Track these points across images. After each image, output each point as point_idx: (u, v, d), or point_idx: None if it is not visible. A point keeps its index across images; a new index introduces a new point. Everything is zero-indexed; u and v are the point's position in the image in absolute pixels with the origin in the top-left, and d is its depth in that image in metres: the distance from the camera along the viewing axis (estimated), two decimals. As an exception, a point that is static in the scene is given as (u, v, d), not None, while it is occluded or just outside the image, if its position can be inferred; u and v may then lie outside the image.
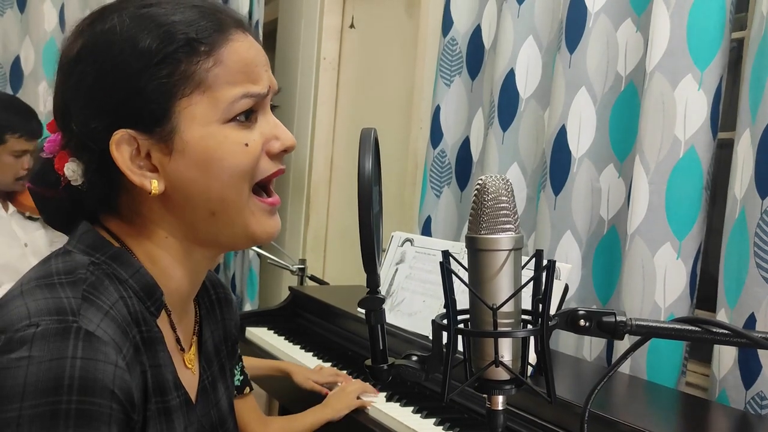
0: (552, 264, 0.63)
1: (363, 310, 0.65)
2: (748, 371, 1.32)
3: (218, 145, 0.72)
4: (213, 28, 0.73)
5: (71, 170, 0.74)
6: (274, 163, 0.76)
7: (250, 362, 1.69)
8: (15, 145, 2.14)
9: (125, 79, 0.70)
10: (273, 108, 0.79)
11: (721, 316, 1.39)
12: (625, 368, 1.54)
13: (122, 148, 0.71)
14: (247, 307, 3.04)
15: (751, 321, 1.31)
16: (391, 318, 1.75)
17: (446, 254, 0.65)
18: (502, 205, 0.63)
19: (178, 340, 0.80)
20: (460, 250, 1.59)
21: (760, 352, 1.30)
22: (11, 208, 2.25)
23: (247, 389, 1.45)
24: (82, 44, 0.73)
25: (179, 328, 0.80)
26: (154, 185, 0.72)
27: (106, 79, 0.71)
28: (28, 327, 0.63)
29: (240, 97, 0.72)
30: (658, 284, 1.49)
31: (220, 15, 0.74)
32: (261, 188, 0.77)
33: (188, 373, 0.81)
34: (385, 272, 1.87)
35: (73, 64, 0.73)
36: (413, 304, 1.76)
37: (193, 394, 0.81)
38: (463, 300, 0.64)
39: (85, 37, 0.73)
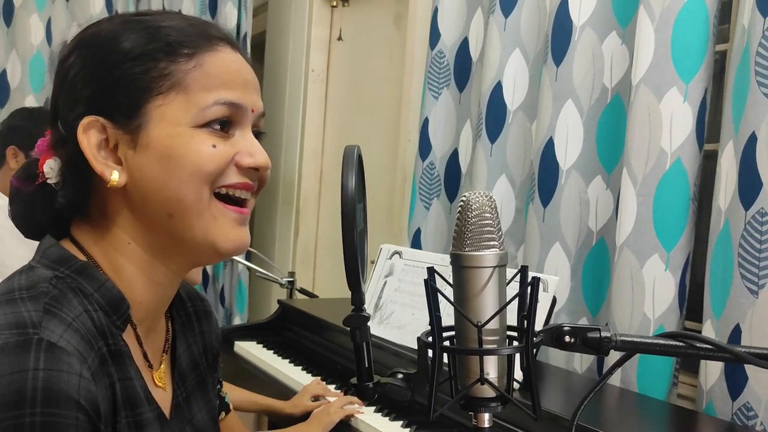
0: (536, 280, 0.63)
1: (348, 328, 0.65)
2: (735, 383, 1.33)
3: (182, 143, 0.71)
4: (199, 36, 0.74)
5: (49, 167, 0.75)
6: (241, 176, 0.74)
7: (242, 395, 1.69)
8: None
9: (104, 71, 0.73)
10: (260, 135, 0.78)
11: (708, 327, 1.40)
12: (615, 381, 1.54)
13: (90, 133, 0.72)
14: (237, 321, 3.03)
15: (736, 332, 1.32)
16: (379, 331, 1.74)
17: (431, 271, 0.65)
18: (485, 221, 0.63)
19: (145, 356, 0.78)
20: (448, 262, 1.59)
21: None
22: None
23: (222, 414, 1.44)
24: (72, 44, 0.76)
25: (146, 344, 0.79)
26: (114, 176, 0.72)
27: (86, 71, 0.73)
28: None
29: (212, 103, 0.72)
30: (647, 296, 1.50)
31: (209, 29, 0.76)
32: (233, 202, 0.75)
33: (159, 390, 0.80)
34: (373, 285, 1.86)
35: (62, 62, 0.76)
36: (402, 318, 1.75)
37: (167, 411, 0.80)
38: (451, 314, 0.64)
39: (77, 38, 0.77)
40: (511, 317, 0.65)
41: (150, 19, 0.75)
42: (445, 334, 0.65)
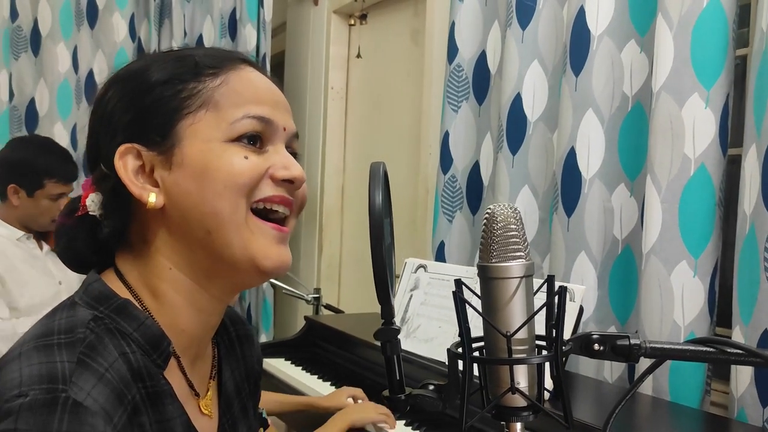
0: (563, 290, 0.63)
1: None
2: (765, 389, 1.31)
3: (215, 157, 0.72)
4: (224, 58, 0.78)
5: (91, 200, 0.76)
6: (276, 188, 0.75)
7: (275, 398, 1.71)
8: (52, 189, 2.23)
9: (136, 99, 0.75)
10: (294, 156, 0.79)
11: (737, 333, 1.39)
12: (647, 390, 1.52)
13: (126, 159, 0.74)
14: (262, 338, 3.05)
15: (764, 337, 1.30)
16: (407, 345, 1.75)
17: (459, 283, 0.66)
18: (511, 233, 0.64)
19: (191, 386, 0.78)
20: (473, 275, 1.59)
21: (777, 370, 1.29)
22: (45, 247, 2.31)
23: (261, 430, 1.46)
24: (109, 82, 0.79)
25: (192, 374, 0.78)
26: (152, 197, 0.73)
27: (121, 102, 0.76)
28: (17, 397, 0.62)
29: (242, 116, 0.73)
30: (677, 303, 1.49)
31: (233, 53, 0.80)
32: (271, 220, 0.75)
33: (205, 419, 0.79)
34: (399, 299, 1.87)
35: (99, 99, 0.79)
36: (429, 331, 1.76)
37: None
38: (478, 326, 0.65)
39: (114, 76, 0.80)
40: (539, 327, 0.66)
41: (178, 50, 0.80)
42: (474, 345, 0.66)
